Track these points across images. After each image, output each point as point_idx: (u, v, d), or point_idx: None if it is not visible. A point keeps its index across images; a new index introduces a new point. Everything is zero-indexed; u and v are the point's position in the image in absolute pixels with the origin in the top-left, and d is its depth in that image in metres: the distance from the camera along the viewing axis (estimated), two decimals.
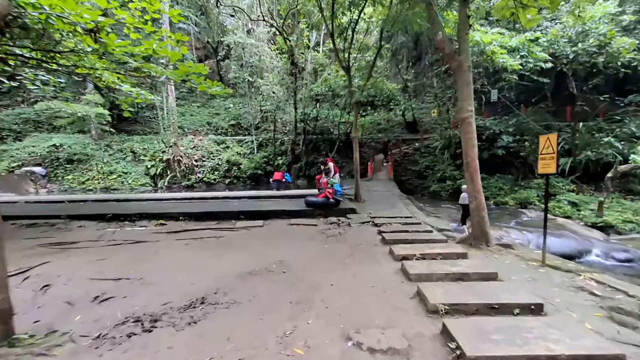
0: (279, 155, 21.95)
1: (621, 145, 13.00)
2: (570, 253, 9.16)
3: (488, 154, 15.48)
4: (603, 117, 15.30)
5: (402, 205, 10.53)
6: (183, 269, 4.70)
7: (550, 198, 13.65)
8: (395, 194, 13.44)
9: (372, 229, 7.42)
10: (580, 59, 12.84)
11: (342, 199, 9.39)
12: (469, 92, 5.62)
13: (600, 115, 15.50)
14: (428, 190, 17.18)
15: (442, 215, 11.93)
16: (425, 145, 19.08)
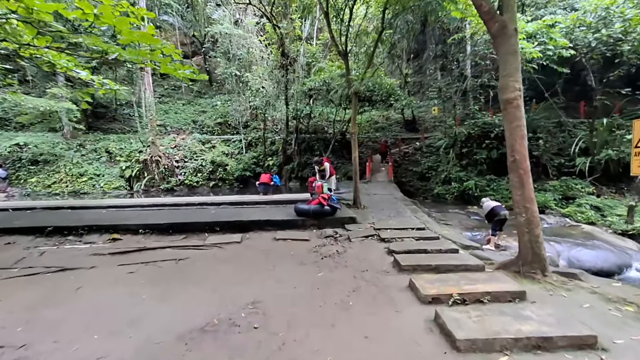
0: (270, 155, 20.35)
1: None
2: (608, 268, 7.73)
3: (497, 153, 14.07)
4: (619, 114, 14.00)
5: (409, 212, 9.01)
6: (100, 324, 3.09)
7: (569, 202, 12.30)
8: (398, 197, 11.92)
9: (379, 245, 5.88)
10: (602, 47, 11.50)
11: (339, 206, 7.83)
12: (516, 64, 4.11)
13: (617, 112, 14.22)
14: (431, 193, 15.73)
15: (453, 223, 10.44)
16: (426, 144, 17.65)
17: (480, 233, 9.44)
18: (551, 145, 13.68)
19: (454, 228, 9.92)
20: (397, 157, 18.12)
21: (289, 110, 17.81)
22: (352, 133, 9.69)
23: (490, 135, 14.20)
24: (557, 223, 11.14)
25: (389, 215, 8.64)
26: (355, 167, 9.66)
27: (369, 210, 9.27)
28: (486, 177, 14.20)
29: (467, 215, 11.68)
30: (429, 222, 7.96)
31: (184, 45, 32.51)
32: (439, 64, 17.00)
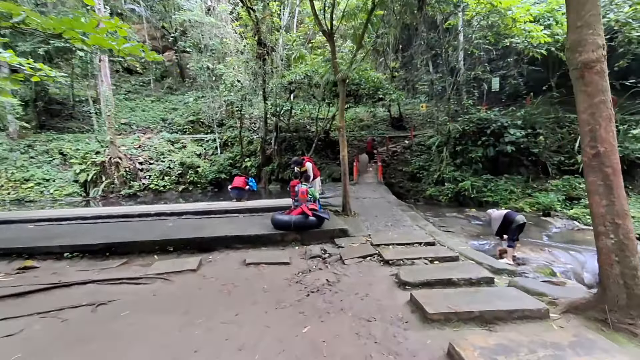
0: (247, 156, 18.67)
1: None
2: None
3: (494, 151, 13.02)
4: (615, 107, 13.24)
5: (408, 220, 7.65)
6: None
7: (573, 202, 11.34)
8: (390, 201, 10.58)
9: (382, 270, 4.45)
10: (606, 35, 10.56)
11: (327, 215, 6.36)
12: (595, 10, 2.75)
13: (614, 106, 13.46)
14: (423, 195, 14.53)
15: (455, 230, 9.16)
16: (416, 142, 16.48)
17: (487, 242, 8.21)
18: (551, 143, 12.73)
19: (457, 236, 8.66)
20: (385, 156, 16.86)
21: (268, 107, 16.21)
22: (339, 128, 8.26)
23: (486, 132, 13.11)
24: (565, 226, 10.10)
25: (386, 225, 7.24)
26: (344, 167, 8.22)
27: (362, 219, 7.85)
28: (482, 177, 13.11)
29: (467, 220, 10.47)
30: (436, 233, 6.61)
31: (154, 40, 30.22)
32: (430, 53, 15.85)
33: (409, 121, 20.34)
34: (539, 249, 7.40)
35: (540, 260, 6.86)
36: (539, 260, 6.86)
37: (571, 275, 6.58)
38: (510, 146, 12.58)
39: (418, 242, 5.55)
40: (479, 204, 12.83)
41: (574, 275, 6.61)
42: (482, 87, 15.00)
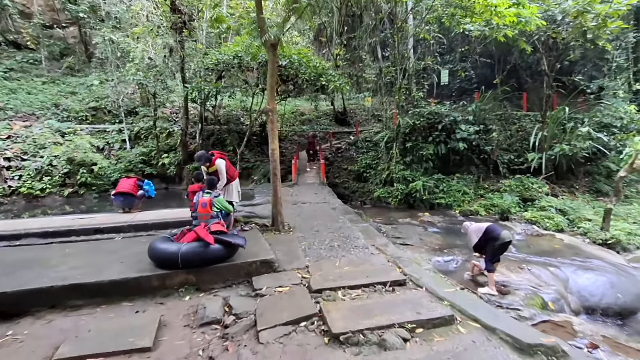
0: (165, 151, 15.44)
1: (605, 136, 10.49)
2: (630, 305, 5.54)
3: (445, 148, 11.87)
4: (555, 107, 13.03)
5: (360, 236, 5.71)
6: None
7: (527, 204, 10.57)
8: (336, 207, 8.63)
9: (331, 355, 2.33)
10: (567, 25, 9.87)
11: (242, 240, 4.06)
12: None
13: (554, 105, 13.28)
14: (370, 197, 12.94)
15: (412, 241, 7.52)
16: (362, 138, 14.89)
17: (453, 257, 6.67)
18: (506, 139, 11.95)
19: (417, 249, 7.00)
20: (328, 153, 15.01)
21: (190, 92, 13.25)
22: (267, 111, 6.01)
23: (438, 127, 11.91)
24: (525, 231, 9.12)
25: (332, 246, 5.20)
26: (274, 165, 6.01)
27: (298, 236, 5.73)
28: (434, 177, 11.88)
29: (423, 228, 8.96)
30: (401, 259, 4.69)
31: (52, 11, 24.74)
32: (377, 37, 14.30)
33: (353, 116, 18.82)
34: (517, 266, 5.99)
35: (523, 283, 5.41)
36: (522, 284, 5.40)
37: (563, 303, 5.22)
38: (462, 143, 11.51)
39: (381, 281, 3.57)
40: (431, 206, 11.57)
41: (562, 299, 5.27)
42: (432, 79, 13.90)
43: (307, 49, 14.61)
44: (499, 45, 13.44)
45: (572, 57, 11.00)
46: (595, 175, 12.06)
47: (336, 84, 12.29)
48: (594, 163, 11.77)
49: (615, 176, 12.07)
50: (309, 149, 14.72)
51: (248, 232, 5.61)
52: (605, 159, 11.59)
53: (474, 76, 14.25)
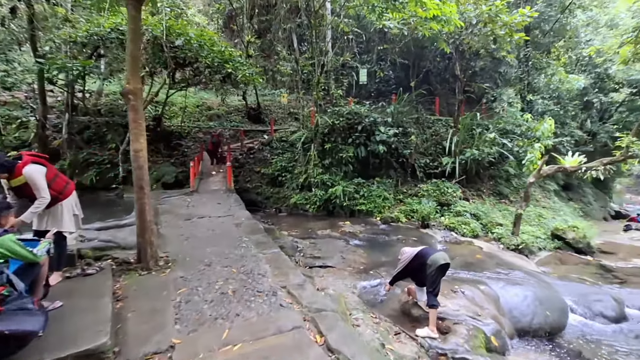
0: (15, 147, 11.51)
1: (510, 142, 10.97)
2: (557, 321, 5.19)
3: (365, 151, 11.15)
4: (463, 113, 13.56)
5: (267, 272, 4.18)
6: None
7: (445, 209, 10.44)
8: (241, 222, 6.91)
9: None
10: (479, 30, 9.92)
11: (36, 324, 2.13)
12: None
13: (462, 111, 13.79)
14: (286, 203, 11.53)
15: (333, 260, 6.31)
16: (277, 138, 13.36)
17: (380, 281, 5.63)
18: (424, 142, 11.75)
19: (341, 275, 5.78)
20: (239, 154, 13.09)
21: (46, 70, 9.86)
22: (126, 94, 4.03)
23: (358, 128, 11.12)
24: (445, 238, 8.80)
25: (224, 295, 3.53)
26: (139, 174, 4.07)
27: (177, 278, 3.91)
28: (354, 181, 11.06)
29: (345, 241, 7.88)
30: (322, 312, 3.26)
31: None
32: (294, 26, 12.89)
33: (268, 113, 17.16)
34: (450, 289, 5.17)
35: (460, 313, 4.56)
36: (459, 313, 4.55)
37: (503, 334, 4.51)
38: (382, 146, 10.90)
39: None
40: (351, 213, 10.70)
41: (501, 329, 4.57)
42: (351, 78, 13.14)
43: (212, 32, 12.45)
44: (415, 47, 13.46)
45: (480, 65, 11.27)
46: (497, 179, 12.74)
47: (245, 74, 10.52)
48: (496, 167, 12.38)
49: (514, 179, 13.06)
50: (212, 150, 12.55)
51: (92, 278, 3.59)
52: (505, 163, 12.28)
53: (392, 78, 14.00)
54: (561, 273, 7.63)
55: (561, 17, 12.44)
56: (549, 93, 13.72)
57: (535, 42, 13.37)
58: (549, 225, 9.87)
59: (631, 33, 7.33)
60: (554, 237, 9.31)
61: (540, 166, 7.97)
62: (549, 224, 9.93)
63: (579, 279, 7.13)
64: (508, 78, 14.61)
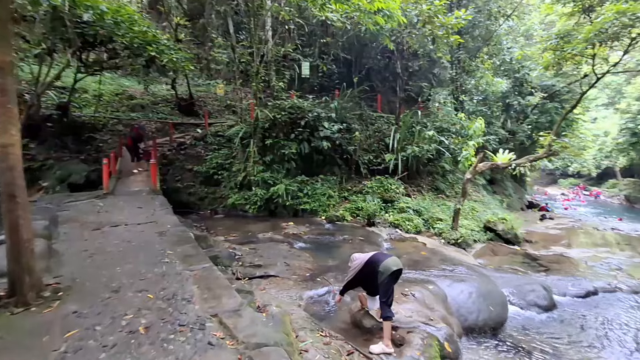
0: None
1: (446, 140, 11.34)
2: (500, 315, 5.25)
3: (309, 147, 10.66)
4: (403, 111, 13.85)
5: (195, 296, 3.41)
6: None
7: (389, 205, 10.42)
8: (166, 230, 5.88)
9: None
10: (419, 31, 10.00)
11: None
12: None
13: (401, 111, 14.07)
14: (224, 204, 10.57)
15: (276, 269, 5.69)
16: (213, 132, 12.18)
17: (328, 289, 5.18)
18: (367, 138, 11.61)
19: (285, 285, 5.19)
20: (167, 149, 11.65)
21: None
22: None
23: (301, 124, 10.55)
24: (390, 236, 8.72)
25: (131, 335, 2.69)
26: (8, 175, 2.98)
27: (67, 314, 2.94)
28: (297, 179, 10.51)
29: (288, 245, 7.29)
30: (263, 350, 2.60)
31: None
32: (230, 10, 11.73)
33: (202, 105, 15.71)
34: (401, 292, 4.89)
35: (413, 319, 4.30)
36: (412, 319, 4.29)
37: (455, 338, 4.33)
38: (325, 142, 10.51)
39: None
40: (295, 212, 10.16)
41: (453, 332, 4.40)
42: (293, 71, 12.50)
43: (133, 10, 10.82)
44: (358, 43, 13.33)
45: (418, 65, 11.49)
46: (435, 175, 13.19)
47: (173, 59, 9.26)
48: (434, 164, 12.80)
49: (449, 175, 13.67)
50: (132, 146, 10.92)
51: None
52: (442, 160, 12.76)
53: (335, 72, 13.69)
54: (495, 264, 8.00)
55: (489, 23, 13.28)
56: (478, 94, 14.67)
57: (466, 47, 14.15)
58: (481, 218, 10.40)
59: (554, 39, 7.91)
60: (487, 229, 9.84)
61: (476, 163, 8.26)
62: (481, 217, 10.47)
63: (511, 270, 7.52)
64: (442, 79, 15.33)
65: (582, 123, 19.26)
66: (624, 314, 5.46)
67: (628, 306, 5.76)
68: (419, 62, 12.78)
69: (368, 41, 13.35)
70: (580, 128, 18.72)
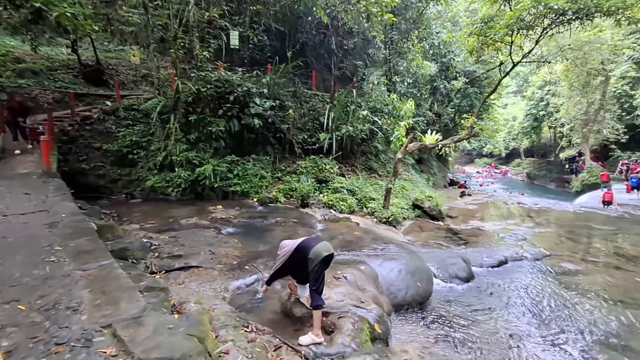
0: None
1: (379, 120, 11.47)
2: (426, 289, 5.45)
3: (239, 125, 9.90)
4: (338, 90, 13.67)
5: (84, 304, 2.78)
6: None
7: (323, 186, 10.27)
8: (59, 221, 4.86)
9: None
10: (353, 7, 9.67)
11: None
12: None
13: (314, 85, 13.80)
14: (141, 187, 9.42)
15: (199, 259, 5.14)
16: (126, 106, 10.60)
17: (257, 277, 4.84)
18: (302, 116, 11.18)
19: (209, 276, 4.70)
20: (67, 125, 9.86)
21: None
22: None
23: (229, 99, 9.70)
24: (324, 216, 8.61)
25: None
26: None
27: None
28: (227, 159, 9.77)
29: (215, 230, 6.72)
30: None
31: None
32: None
33: (114, 74, 13.62)
34: (333, 276, 4.76)
35: (345, 302, 4.18)
36: (344, 303, 4.16)
37: (385, 318, 4.33)
38: (257, 119, 9.85)
39: None
40: (224, 195, 9.48)
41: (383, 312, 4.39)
42: (220, 41, 11.36)
43: None
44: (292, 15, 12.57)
45: (353, 43, 11.28)
46: (368, 155, 13.42)
47: (66, 13, 7.61)
48: (367, 143, 12.98)
49: (382, 155, 14.04)
50: (14, 121, 8.91)
51: None
52: (375, 140, 12.99)
53: (268, 45, 12.82)
54: (422, 239, 8.41)
55: (420, 5, 13.56)
56: (409, 77, 15.14)
57: (399, 28, 14.35)
58: (410, 196, 10.88)
59: (479, 24, 8.28)
60: (415, 206, 10.33)
61: (407, 143, 8.44)
62: (410, 195, 10.96)
63: (436, 245, 7.97)
64: (376, 59, 15.44)
65: (496, 108, 21.32)
66: (529, 280, 6.10)
67: (532, 272, 6.45)
68: (353, 39, 12.58)
69: (302, 14, 12.70)
70: (495, 113, 20.71)
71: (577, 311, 5.02)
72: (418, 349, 3.87)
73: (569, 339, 4.38)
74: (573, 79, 20.82)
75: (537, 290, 5.69)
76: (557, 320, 4.79)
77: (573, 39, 13.97)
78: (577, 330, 4.56)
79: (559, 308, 5.11)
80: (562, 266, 6.67)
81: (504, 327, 4.68)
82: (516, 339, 4.39)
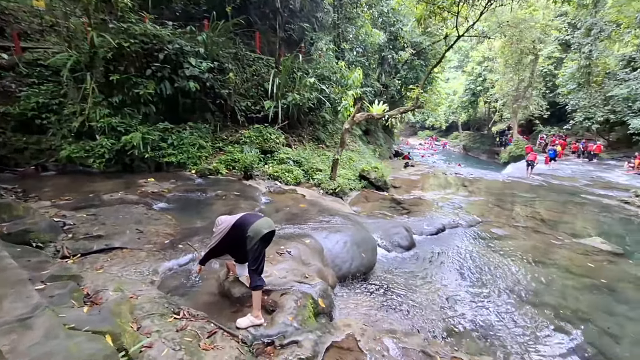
0: None
1: (327, 89, 11.07)
2: (370, 260, 5.49)
3: (172, 87, 8.85)
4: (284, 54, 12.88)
5: None
6: None
7: (268, 156, 9.80)
8: None
9: None
10: None
11: None
12: None
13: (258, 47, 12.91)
14: (55, 158, 8.10)
15: (124, 239, 4.54)
16: (28, 61, 8.80)
17: (192, 255, 4.45)
18: (247, 80, 10.34)
19: (135, 258, 4.16)
20: None
21: None
22: None
23: (159, 57, 8.54)
24: (269, 188, 8.23)
25: None
26: None
27: None
28: (159, 127, 8.76)
29: (145, 206, 6.03)
30: None
31: None
32: None
33: (11, 22, 11.19)
34: (276, 252, 4.53)
35: (287, 279, 3.97)
36: (287, 280, 3.95)
37: (329, 290, 4.22)
38: (193, 82, 8.88)
39: None
40: (157, 167, 8.58)
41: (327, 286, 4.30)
42: None
43: None
44: None
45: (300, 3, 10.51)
46: (316, 125, 13.10)
47: None
48: (315, 113, 12.61)
49: (329, 125, 13.80)
50: None
51: None
52: (322, 109, 12.66)
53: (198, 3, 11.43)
54: (368, 210, 8.51)
55: None
56: (358, 45, 14.78)
57: None
58: (357, 167, 10.92)
59: None
60: (361, 177, 10.39)
61: (354, 113, 8.25)
62: (357, 166, 10.99)
63: (381, 215, 8.12)
64: (325, 24, 14.75)
65: (439, 82, 22.04)
66: (464, 246, 6.46)
67: (466, 238, 6.85)
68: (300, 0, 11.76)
69: None
70: (438, 86, 21.43)
71: (504, 272, 5.44)
72: (361, 320, 3.85)
73: (495, 299, 4.72)
74: (508, 56, 22.20)
75: (470, 255, 6.06)
76: (487, 283, 5.14)
77: (511, 16, 14.61)
78: (503, 290, 4.94)
79: (489, 271, 5.49)
80: (492, 232, 7.19)
81: (440, 291, 4.89)
82: (451, 302, 4.61)
